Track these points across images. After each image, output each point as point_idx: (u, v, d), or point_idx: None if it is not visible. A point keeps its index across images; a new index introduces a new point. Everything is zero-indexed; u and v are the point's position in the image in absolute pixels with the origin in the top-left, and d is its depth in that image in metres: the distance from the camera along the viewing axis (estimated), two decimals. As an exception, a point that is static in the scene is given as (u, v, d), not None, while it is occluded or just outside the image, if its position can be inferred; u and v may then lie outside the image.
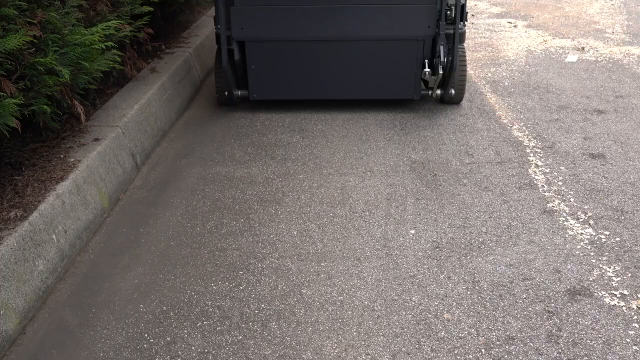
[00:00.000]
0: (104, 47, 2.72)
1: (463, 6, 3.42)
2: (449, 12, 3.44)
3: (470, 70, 4.49)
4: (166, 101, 3.59)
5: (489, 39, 5.42)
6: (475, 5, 7.06)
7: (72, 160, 2.60)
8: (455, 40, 3.38)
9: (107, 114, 3.09)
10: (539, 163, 3.03)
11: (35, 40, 2.40)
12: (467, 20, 3.55)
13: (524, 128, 3.45)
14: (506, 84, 4.20)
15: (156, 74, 3.71)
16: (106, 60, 2.86)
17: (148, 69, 3.78)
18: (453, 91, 3.64)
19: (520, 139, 3.31)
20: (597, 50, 5.00)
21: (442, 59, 3.43)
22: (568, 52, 4.95)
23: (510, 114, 3.66)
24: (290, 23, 3.48)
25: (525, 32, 5.68)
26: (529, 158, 3.09)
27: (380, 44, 3.53)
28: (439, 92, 3.64)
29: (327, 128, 3.49)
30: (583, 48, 5.07)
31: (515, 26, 5.92)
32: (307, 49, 3.58)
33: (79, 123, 2.90)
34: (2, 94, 2.16)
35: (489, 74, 4.41)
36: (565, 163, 3.02)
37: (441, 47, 3.44)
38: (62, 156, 2.64)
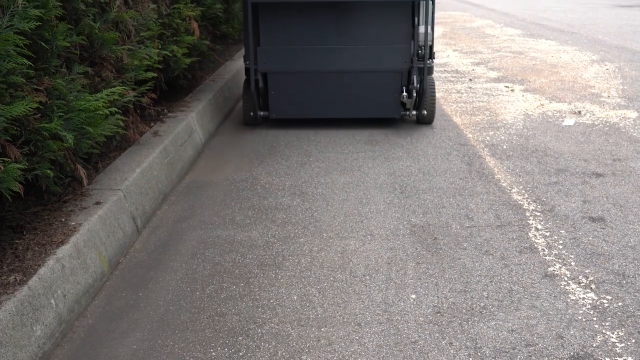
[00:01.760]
0: (108, 112, 2.77)
1: (431, 47, 4.52)
2: (420, 51, 4.50)
3: (469, 134, 4.55)
4: (168, 164, 3.63)
5: (486, 103, 5.51)
6: (473, 69, 7.21)
7: (73, 223, 2.61)
8: (425, 72, 4.52)
9: (109, 178, 3.11)
10: (539, 226, 3.03)
11: (41, 106, 2.44)
12: (434, 58, 4.62)
13: (524, 191, 3.47)
14: (505, 147, 4.25)
15: (158, 137, 3.77)
16: (110, 125, 2.90)
17: (150, 132, 3.83)
18: (425, 112, 4.68)
19: (519, 202, 3.33)
20: (594, 114, 5.07)
21: (415, 85, 4.52)
22: (565, 116, 5.02)
23: (509, 177, 3.69)
24: (302, 59, 4.53)
25: (523, 96, 5.78)
26: (529, 221, 3.09)
27: (371, 75, 4.59)
28: (414, 112, 4.74)
29: (327, 191, 3.51)
30: (580, 112, 5.15)
31: (512, 90, 6.03)
32: (315, 79, 4.61)
33: (81, 186, 2.93)
34: (7, 159, 2.18)
35: (488, 138, 4.46)
36: (565, 226, 3.03)
37: (414, 77, 4.53)
38: (63, 219, 2.65)
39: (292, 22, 4.46)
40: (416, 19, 4.46)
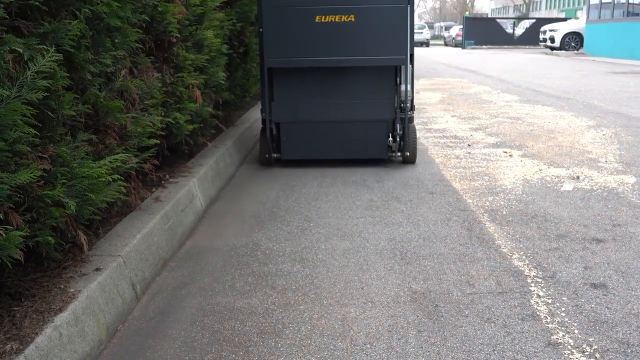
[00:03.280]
0: (110, 179, 2.80)
1: (411, 101, 5.54)
2: (402, 104, 5.52)
3: (468, 199, 4.57)
4: (168, 230, 3.64)
5: (485, 168, 5.56)
6: (471, 135, 7.31)
7: (72, 290, 2.60)
8: (406, 121, 5.55)
9: (109, 243, 3.12)
10: (541, 293, 3.02)
11: (44, 174, 2.47)
12: (414, 109, 5.69)
13: (524, 257, 3.46)
14: (504, 212, 4.26)
15: (159, 203, 3.79)
16: (112, 191, 2.93)
17: (152, 198, 3.86)
18: (408, 153, 5.70)
19: (520, 268, 3.32)
20: (592, 179, 5.11)
21: (398, 131, 5.58)
22: (564, 181, 5.06)
23: (509, 243, 3.69)
24: (308, 111, 5.56)
25: (521, 161, 5.84)
26: (530, 288, 3.08)
27: (363, 124, 5.60)
28: (399, 154, 5.73)
29: (327, 257, 3.51)
30: (578, 177, 5.19)
31: (510, 156, 6.09)
32: (319, 127, 5.62)
33: (82, 252, 2.93)
34: (9, 227, 2.19)
35: (487, 203, 4.49)
36: (567, 293, 3.01)
37: (398, 125, 5.58)
38: (62, 286, 2.63)
39: (299, 82, 5.52)
40: (398, 79, 5.54)
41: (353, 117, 5.56)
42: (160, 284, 3.23)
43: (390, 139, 5.61)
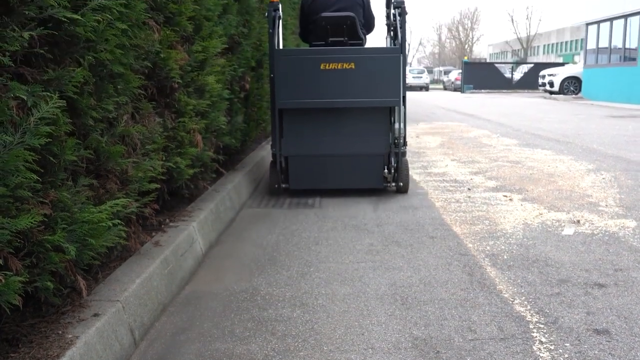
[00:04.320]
0: (111, 224, 2.80)
1: (404, 137, 6.29)
2: (396, 140, 6.24)
3: (469, 244, 4.57)
4: (168, 275, 3.62)
5: (486, 212, 5.57)
6: (471, 179, 7.33)
7: (70, 336, 2.57)
8: (399, 154, 6.27)
9: (108, 288, 3.10)
10: (543, 339, 2.99)
11: (45, 219, 2.48)
12: (406, 145, 6.45)
13: (526, 302, 3.44)
14: (505, 257, 4.25)
15: (159, 247, 3.78)
16: (112, 236, 2.93)
17: (152, 242, 3.85)
18: (401, 183, 6.38)
19: (522, 313, 3.29)
20: (593, 223, 5.11)
21: (393, 164, 6.28)
22: (564, 225, 5.06)
23: (511, 288, 3.67)
24: (313, 146, 6.26)
25: (521, 205, 5.85)
26: (532, 334, 3.05)
27: (361, 157, 6.31)
28: (393, 184, 6.40)
29: (327, 303, 3.48)
30: (579, 221, 5.19)
31: (511, 199, 6.10)
32: (322, 160, 6.32)
33: (80, 297, 2.91)
34: (8, 272, 2.19)
35: (488, 247, 4.47)
36: (570, 339, 2.98)
37: (392, 158, 6.28)
38: (60, 332, 2.61)
39: (306, 121, 6.23)
40: (392, 118, 6.28)
41: (353, 151, 6.26)
42: (159, 329, 3.20)
43: (386, 170, 6.31)
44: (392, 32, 6.69)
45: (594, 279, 3.80)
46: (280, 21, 6.42)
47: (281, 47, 6.40)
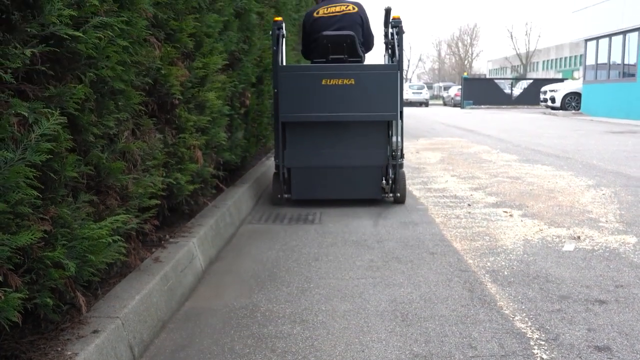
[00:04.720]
0: (111, 240, 2.80)
1: (401, 150, 6.48)
2: (393, 152, 6.45)
3: (469, 260, 4.56)
4: (168, 291, 3.61)
5: (486, 228, 5.56)
6: (471, 195, 7.33)
7: (69, 353, 2.56)
8: (397, 166, 6.48)
9: (107, 305, 3.09)
10: (544, 356, 2.97)
11: (45, 235, 2.48)
12: (403, 157, 6.59)
13: (527, 319, 3.43)
14: (506, 273, 4.24)
15: (159, 263, 3.77)
16: (112, 252, 2.93)
17: (151, 258, 3.85)
18: (399, 194, 6.63)
19: (523, 330, 3.28)
20: (593, 239, 5.10)
21: (391, 175, 6.53)
22: (564, 241, 5.05)
23: (511, 304, 3.66)
24: (314, 158, 6.50)
25: (521, 221, 5.84)
26: (533, 351, 3.03)
27: (361, 169, 6.57)
28: (391, 195, 6.69)
29: (327, 319, 3.47)
30: (579, 237, 5.18)
31: (511, 215, 6.10)
32: (323, 172, 6.57)
33: (80, 314, 2.90)
34: (7, 289, 2.19)
35: (488, 264, 4.47)
36: (571, 356, 2.97)
37: (390, 170, 6.52)
38: (59, 349, 2.60)
39: (308, 134, 6.49)
40: (390, 131, 6.53)
41: (352, 163, 6.53)
42: (159, 346, 3.18)
43: (384, 182, 6.58)
44: (390, 50, 6.89)
45: (595, 295, 3.79)
46: (284, 39, 6.64)
47: (284, 63, 6.64)
